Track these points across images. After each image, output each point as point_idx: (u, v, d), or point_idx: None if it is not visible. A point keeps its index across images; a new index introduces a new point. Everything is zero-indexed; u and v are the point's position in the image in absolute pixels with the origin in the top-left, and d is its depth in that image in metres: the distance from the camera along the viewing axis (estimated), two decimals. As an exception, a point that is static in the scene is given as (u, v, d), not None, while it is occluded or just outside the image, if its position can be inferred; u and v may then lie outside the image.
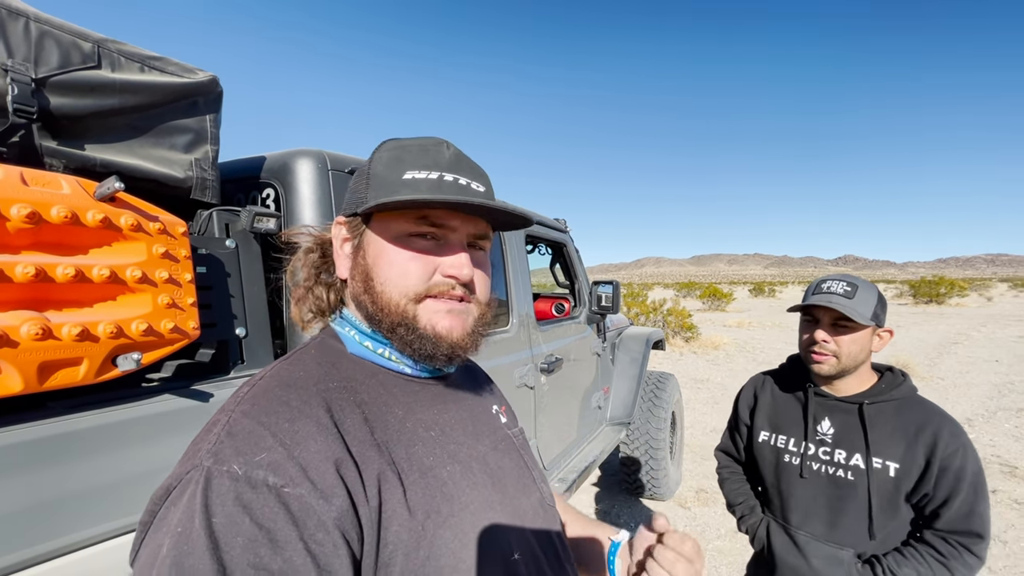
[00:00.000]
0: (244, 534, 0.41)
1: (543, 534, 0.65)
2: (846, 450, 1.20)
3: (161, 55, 1.05)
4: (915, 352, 9.79)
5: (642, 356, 3.54)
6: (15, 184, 0.73)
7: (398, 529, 0.49)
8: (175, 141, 1.07)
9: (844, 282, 1.18)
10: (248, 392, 0.52)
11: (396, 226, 0.59)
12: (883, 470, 1.14)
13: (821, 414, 1.25)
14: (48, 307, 0.76)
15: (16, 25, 0.84)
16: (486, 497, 0.59)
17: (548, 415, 2.41)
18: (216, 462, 0.44)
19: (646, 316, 11.98)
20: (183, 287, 0.93)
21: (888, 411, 1.18)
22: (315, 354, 0.60)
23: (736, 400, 1.50)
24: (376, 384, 0.59)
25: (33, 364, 0.72)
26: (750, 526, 1.39)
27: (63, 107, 0.90)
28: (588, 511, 3.54)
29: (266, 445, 0.45)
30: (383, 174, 0.59)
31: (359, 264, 0.61)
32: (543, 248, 3.14)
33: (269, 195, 1.34)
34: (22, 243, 0.74)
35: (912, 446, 1.12)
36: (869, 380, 1.23)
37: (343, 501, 0.46)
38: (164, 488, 0.45)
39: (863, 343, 1.16)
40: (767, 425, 1.36)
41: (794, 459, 1.28)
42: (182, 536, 0.40)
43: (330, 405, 0.52)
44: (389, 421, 0.56)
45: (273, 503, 0.43)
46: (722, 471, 1.53)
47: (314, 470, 0.45)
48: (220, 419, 0.49)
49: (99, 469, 0.84)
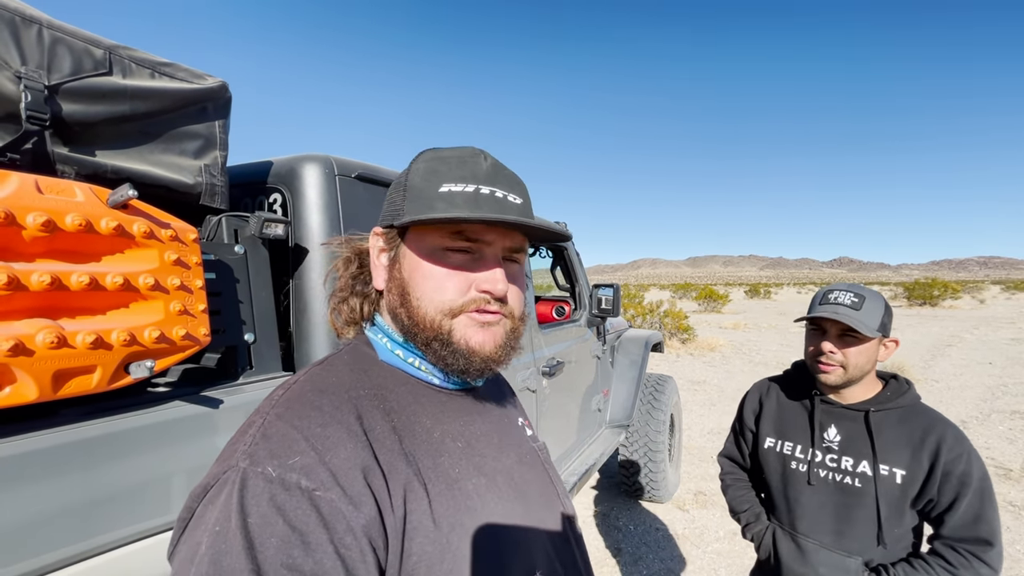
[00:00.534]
0: (278, 535, 0.42)
1: (566, 549, 0.65)
2: (853, 457, 1.20)
3: (171, 61, 1.05)
4: (909, 354, 9.87)
5: (641, 358, 3.56)
6: (31, 192, 0.73)
7: (422, 541, 0.50)
8: (185, 147, 1.08)
9: (851, 293, 1.17)
10: (283, 395, 0.53)
11: (432, 240, 0.58)
12: (890, 477, 1.15)
13: (827, 421, 1.26)
14: (62, 315, 0.76)
15: (29, 32, 0.84)
16: (510, 511, 0.59)
17: (549, 418, 2.42)
18: (252, 463, 0.45)
19: (643, 318, 12.02)
20: (194, 294, 0.93)
21: (893, 419, 1.19)
22: (347, 360, 0.61)
23: (741, 405, 1.50)
24: (406, 393, 0.60)
25: (48, 372, 0.72)
26: (755, 533, 1.39)
27: (75, 114, 0.90)
28: (587, 514, 3.55)
29: (299, 449, 0.46)
30: (420, 187, 0.59)
31: (395, 277, 0.62)
32: (544, 251, 3.14)
33: (277, 200, 1.34)
34: (37, 251, 0.74)
35: (917, 452, 1.14)
36: (874, 388, 1.25)
37: (371, 509, 0.47)
38: (202, 487, 0.47)
39: (870, 354, 1.17)
40: (773, 432, 1.37)
41: (801, 466, 1.28)
42: (219, 535, 0.42)
43: (360, 412, 0.53)
44: (417, 431, 0.56)
45: (306, 506, 0.43)
46: (725, 477, 1.53)
47: (344, 476, 0.46)
48: (255, 421, 0.50)
49: (111, 476, 0.84)
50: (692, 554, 3.02)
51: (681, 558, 2.99)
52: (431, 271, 0.58)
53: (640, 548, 3.09)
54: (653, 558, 2.99)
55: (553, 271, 3.29)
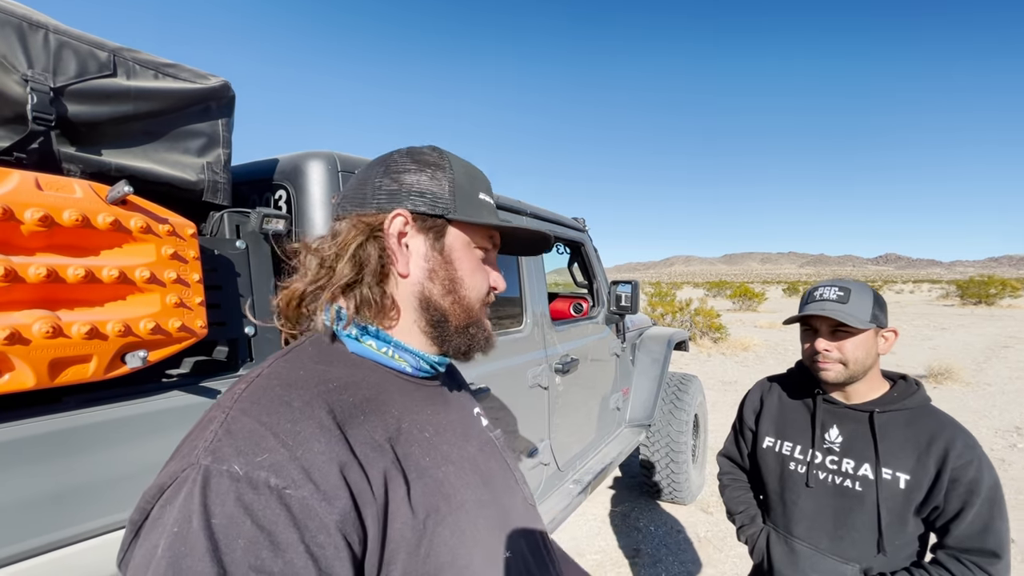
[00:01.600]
0: (245, 535, 0.41)
1: (529, 533, 0.67)
2: (855, 460, 1.15)
3: (175, 62, 1.08)
4: (960, 356, 9.31)
5: (663, 357, 3.48)
6: (30, 189, 0.77)
7: (401, 527, 0.50)
8: (188, 145, 1.11)
9: (836, 287, 1.15)
10: (246, 390, 0.52)
11: (476, 239, 0.67)
12: (893, 481, 1.10)
13: (830, 422, 1.21)
14: (60, 306, 0.79)
15: (36, 37, 0.88)
16: (479, 497, 0.61)
17: (563, 416, 2.39)
18: (215, 460, 0.44)
19: (672, 316, 11.77)
20: (191, 287, 0.96)
21: (900, 421, 1.14)
22: (312, 351, 0.60)
23: (742, 404, 1.46)
24: (375, 383, 0.60)
25: (44, 361, 0.76)
26: (750, 536, 1.35)
27: (80, 114, 0.93)
28: (606, 513, 3.51)
29: (268, 446, 0.45)
30: (466, 188, 0.65)
31: (440, 264, 0.63)
32: (560, 247, 3.11)
33: (281, 196, 1.37)
34: (36, 245, 0.78)
35: (923, 457, 1.08)
36: (880, 388, 1.19)
37: (346, 503, 0.46)
38: (157, 486, 0.45)
39: (867, 347, 1.12)
40: (772, 431, 1.32)
41: (800, 467, 1.23)
42: (179, 536, 0.40)
43: (332, 405, 0.52)
44: (388, 421, 0.57)
45: (275, 505, 0.42)
46: (723, 477, 1.49)
47: (317, 472, 0.45)
48: (216, 416, 0.49)
49: (111, 461, 0.87)
50: (713, 558, 2.94)
51: (701, 562, 2.91)
52: (476, 264, 0.66)
53: (660, 550, 3.03)
54: (672, 560, 2.92)
55: (570, 267, 3.25)
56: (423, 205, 0.62)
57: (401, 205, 0.62)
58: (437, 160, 0.64)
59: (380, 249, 0.62)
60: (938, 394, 6.65)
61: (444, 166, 0.64)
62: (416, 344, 0.65)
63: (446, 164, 0.65)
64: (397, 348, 0.63)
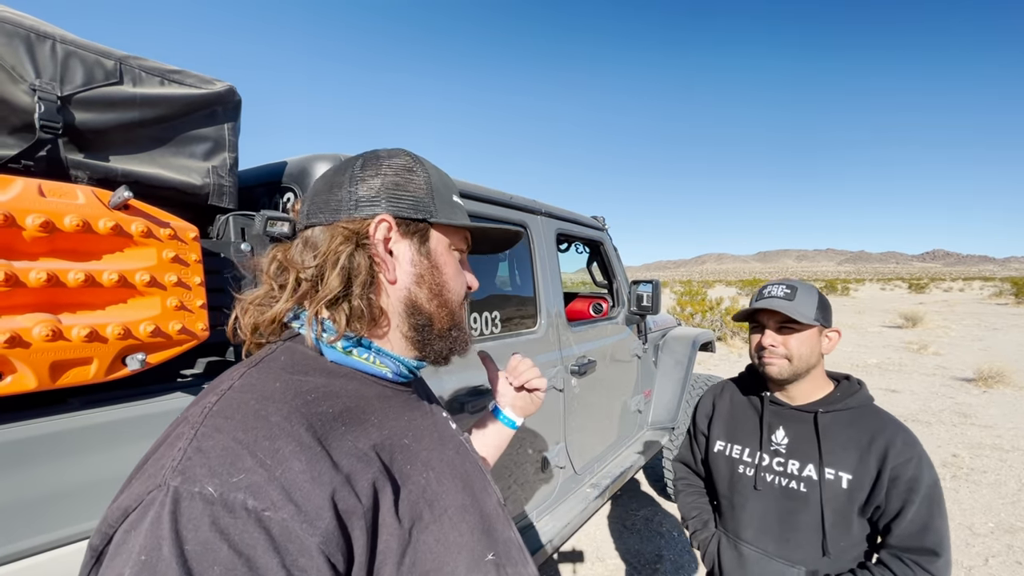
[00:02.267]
0: (221, 562, 0.38)
1: (506, 533, 0.66)
2: (799, 461, 1.15)
3: (180, 68, 1.10)
4: (1015, 358, 8.77)
5: (687, 358, 3.39)
6: (32, 196, 0.79)
7: (388, 537, 0.49)
8: (194, 150, 1.13)
9: (783, 286, 1.20)
10: (217, 403, 0.48)
11: (454, 241, 0.67)
12: (836, 481, 1.09)
13: (776, 423, 1.22)
14: (60, 310, 0.81)
15: (43, 47, 0.91)
16: (461, 501, 0.61)
17: (579, 418, 2.35)
18: (184, 481, 0.41)
19: (702, 315, 11.50)
20: (193, 290, 0.97)
21: (843, 420, 1.14)
22: (285, 360, 0.57)
23: (695, 408, 1.45)
24: (353, 391, 0.58)
25: (45, 363, 0.77)
26: (701, 541, 1.33)
27: (87, 122, 0.96)
28: (629, 518, 3.44)
29: (244, 466, 0.43)
30: (442, 191, 0.65)
31: (427, 269, 0.63)
32: (580, 247, 3.06)
33: (289, 199, 1.38)
34: (37, 250, 0.80)
35: (865, 456, 1.07)
36: (825, 388, 1.20)
37: (329, 523, 0.44)
38: (120, 509, 0.42)
39: (811, 344, 1.15)
40: (723, 435, 1.32)
41: (748, 470, 1.23)
42: (147, 565, 0.37)
43: (311, 419, 0.50)
44: (369, 430, 0.55)
45: (252, 528, 0.40)
46: (678, 483, 1.47)
47: (298, 491, 0.43)
48: (184, 432, 0.45)
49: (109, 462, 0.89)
50: (739, 567, 2.85)
51: (726, 570, 2.82)
52: (456, 267, 0.67)
53: (683, 556, 2.95)
54: (696, 566, 2.84)
55: (589, 267, 3.20)
56: (406, 209, 0.61)
57: (383, 210, 0.60)
58: (411, 163, 0.64)
59: (368, 258, 0.60)
60: (988, 398, 6.27)
61: (417, 169, 0.64)
62: (397, 349, 0.64)
63: (419, 166, 0.64)
64: (379, 354, 0.62)
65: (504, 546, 0.64)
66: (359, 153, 0.66)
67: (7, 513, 0.78)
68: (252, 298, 0.62)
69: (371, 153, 0.65)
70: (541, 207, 2.21)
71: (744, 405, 1.33)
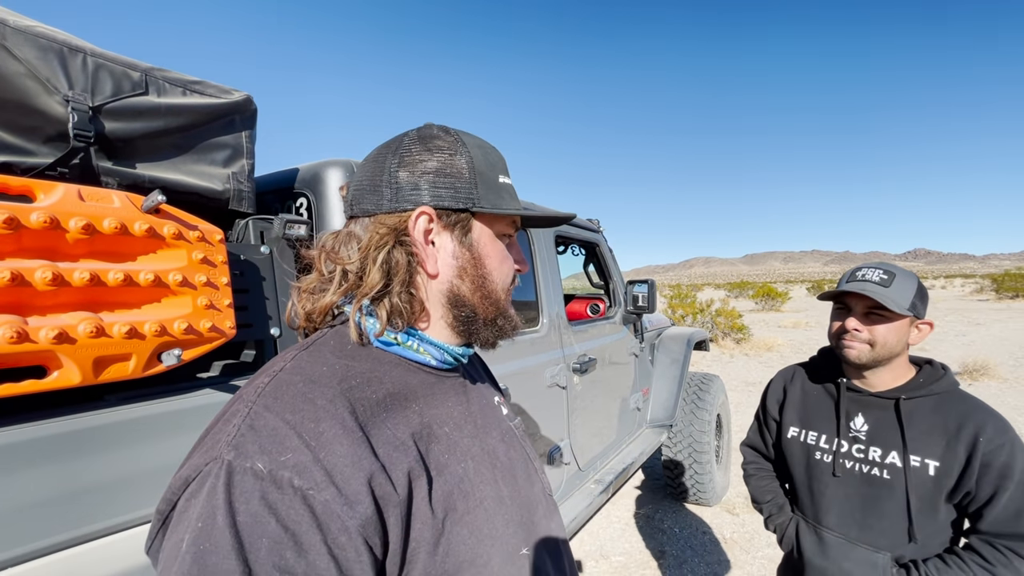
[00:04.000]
0: (270, 535, 0.41)
1: (546, 526, 0.67)
2: (881, 447, 1.13)
3: (200, 79, 1.15)
4: (997, 351, 8.98)
5: (683, 357, 3.46)
6: (73, 200, 0.83)
7: (421, 527, 0.50)
8: (214, 157, 1.17)
9: (880, 270, 1.12)
10: (268, 384, 0.51)
11: (499, 227, 0.64)
12: (922, 469, 1.08)
13: (854, 410, 1.20)
14: (101, 308, 0.85)
15: (75, 60, 0.95)
16: (498, 493, 0.61)
17: (582, 416, 2.40)
18: (238, 456, 0.43)
19: (693, 317, 11.63)
20: (220, 290, 1.01)
21: (927, 407, 1.11)
22: (334, 344, 0.58)
23: (764, 393, 1.44)
24: (397, 377, 0.59)
25: (89, 359, 0.81)
26: (778, 525, 1.33)
27: (116, 131, 1.00)
28: (631, 515, 3.48)
29: (291, 445, 0.45)
30: (487, 174, 0.61)
31: (470, 261, 0.61)
32: (576, 249, 3.13)
33: (303, 204, 1.43)
34: (80, 252, 0.84)
35: (953, 443, 1.05)
36: (906, 374, 1.17)
37: (367, 508, 0.46)
38: (182, 479, 0.45)
39: (900, 334, 1.10)
40: (797, 420, 1.30)
41: (826, 456, 1.22)
42: (203, 532, 0.40)
43: (354, 404, 0.51)
44: (411, 417, 0.56)
45: (299, 505, 0.42)
46: (748, 467, 1.48)
47: (339, 475, 0.45)
48: (239, 410, 0.48)
49: (147, 456, 0.93)
50: (740, 559, 2.90)
51: (728, 563, 2.87)
52: (501, 254, 0.64)
53: (685, 551, 3.00)
54: (698, 562, 2.89)
55: (586, 268, 3.26)
56: (446, 198, 0.58)
57: (422, 201, 0.58)
58: (452, 144, 0.60)
59: (408, 254, 0.59)
60: (974, 391, 6.42)
61: (459, 150, 0.60)
62: (442, 337, 0.63)
63: (461, 147, 0.60)
64: (423, 341, 0.62)
65: (544, 538, 0.64)
66: (403, 132, 0.63)
67: (57, 504, 0.81)
68: (306, 285, 0.63)
69: (414, 133, 0.62)
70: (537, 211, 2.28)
71: (817, 391, 1.29)
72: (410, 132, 0.62)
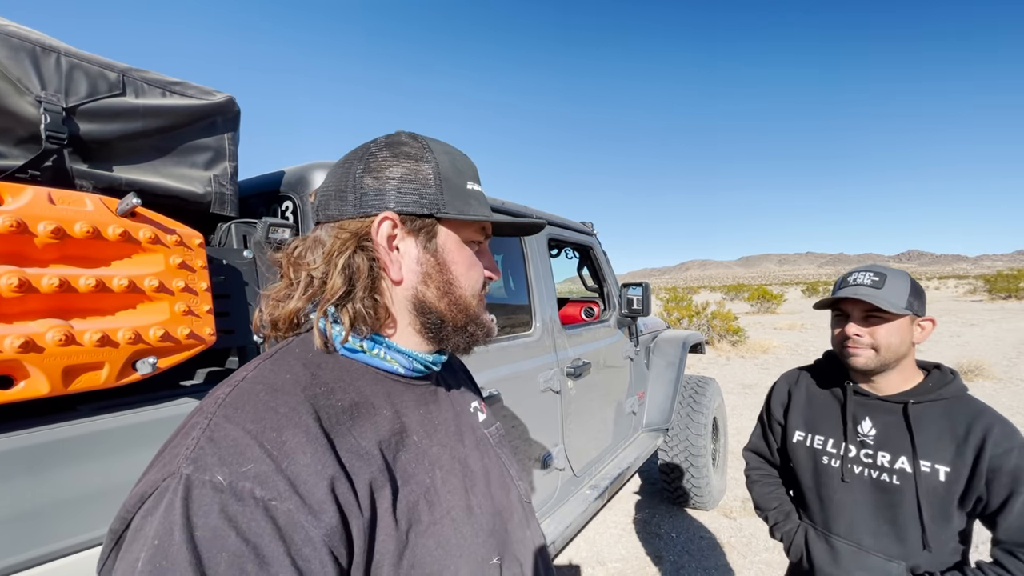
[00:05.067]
0: (229, 549, 0.39)
1: (521, 534, 0.65)
2: (890, 453, 1.11)
3: (181, 80, 1.12)
4: (990, 351, 9.01)
5: (679, 360, 3.43)
6: (42, 203, 0.80)
7: (384, 539, 0.49)
8: (195, 159, 1.14)
9: (871, 272, 1.11)
10: (230, 394, 0.49)
11: (466, 233, 0.63)
12: (932, 474, 1.05)
13: (861, 414, 1.17)
14: (72, 315, 0.82)
15: (48, 60, 0.92)
16: (467, 502, 0.60)
17: (577, 421, 2.37)
18: (196, 470, 0.42)
19: (689, 320, 11.63)
20: (199, 295, 0.98)
21: (936, 411, 1.09)
22: (299, 353, 0.57)
23: (768, 397, 1.41)
24: (364, 385, 0.58)
25: (58, 368, 0.78)
26: (785, 533, 1.29)
27: (91, 132, 0.97)
28: (627, 520, 3.45)
29: (253, 455, 0.44)
30: (453, 180, 0.60)
31: (434, 267, 0.60)
32: (570, 252, 3.11)
33: (288, 207, 1.40)
34: (49, 257, 0.81)
35: (961, 447, 1.03)
36: (914, 378, 1.15)
37: (332, 517, 0.45)
38: (138, 495, 0.43)
39: (902, 334, 1.08)
40: (802, 424, 1.27)
41: (833, 461, 1.19)
42: (159, 549, 0.38)
43: (319, 412, 0.50)
44: (378, 425, 0.55)
45: (260, 517, 0.41)
46: (752, 473, 1.44)
47: (303, 484, 0.44)
48: (199, 422, 0.46)
49: (121, 468, 0.89)
50: (738, 564, 2.87)
51: (726, 567, 2.84)
52: (469, 260, 0.63)
53: (682, 556, 2.97)
54: (696, 567, 2.86)
55: (580, 272, 3.24)
56: (410, 204, 0.58)
57: (387, 206, 0.58)
58: (418, 150, 0.60)
59: (370, 259, 0.58)
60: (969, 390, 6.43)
61: (426, 157, 0.59)
62: (410, 344, 0.62)
63: (428, 154, 0.60)
64: (389, 349, 0.61)
65: (517, 547, 0.63)
66: (370, 140, 0.63)
67: (22, 521, 0.78)
68: (274, 292, 0.62)
69: (382, 140, 0.61)
70: (533, 213, 2.26)
71: (823, 394, 1.26)
72: (379, 139, 0.62)
